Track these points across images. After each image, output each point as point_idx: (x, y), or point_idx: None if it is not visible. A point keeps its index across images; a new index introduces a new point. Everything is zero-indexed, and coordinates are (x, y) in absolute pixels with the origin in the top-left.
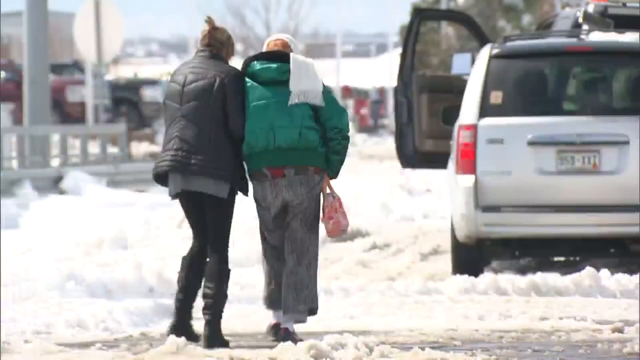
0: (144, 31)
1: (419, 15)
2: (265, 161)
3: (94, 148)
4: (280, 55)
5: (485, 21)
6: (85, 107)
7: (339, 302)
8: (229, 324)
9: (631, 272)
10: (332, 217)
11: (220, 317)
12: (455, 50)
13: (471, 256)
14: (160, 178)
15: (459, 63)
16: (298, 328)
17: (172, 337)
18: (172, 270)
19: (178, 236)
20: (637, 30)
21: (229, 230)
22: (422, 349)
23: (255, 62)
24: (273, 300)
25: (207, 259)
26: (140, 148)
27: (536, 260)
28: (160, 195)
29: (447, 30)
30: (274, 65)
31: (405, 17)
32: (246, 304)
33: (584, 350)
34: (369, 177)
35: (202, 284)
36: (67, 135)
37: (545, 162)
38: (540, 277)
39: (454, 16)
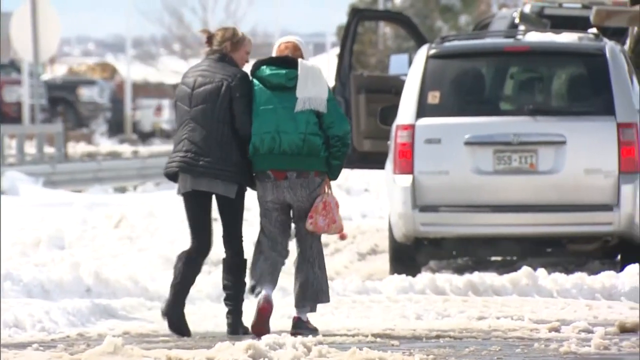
0: (80, 30)
1: (357, 15)
2: (269, 164)
3: (30, 148)
4: (289, 61)
5: (422, 21)
6: (22, 107)
7: (277, 301)
8: (165, 325)
9: (568, 271)
10: (312, 217)
11: (241, 305)
12: (393, 51)
13: (409, 256)
14: (171, 176)
15: (396, 63)
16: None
17: (109, 337)
18: (110, 270)
19: (115, 236)
20: (573, 30)
21: (241, 225)
22: (360, 348)
23: (265, 67)
24: (266, 277)
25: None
26: (77, 148)
27: (473, 260)
28: (97, 195)
29: (385, 30)
30: (282, 72)
31: (342, 17)
32: None
33: (521, 350)
34: None
35: (222, 275)
36: (4, 135)
37: (482, 162)
38: (478, 277)
39: (392, 16)
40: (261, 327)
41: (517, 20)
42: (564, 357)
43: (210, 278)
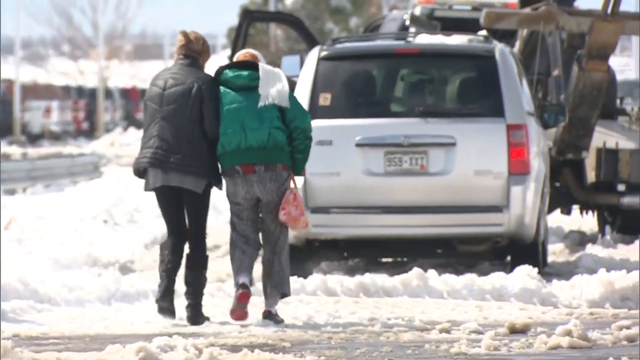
0: None
1: (248, 16)
2: (238, 159)
3: None
4: (250, 65)
5: (313, 23)
6: None
7: None
8: (55, 327)
9: (458, 272)
10: (285, 209)
11: (201, 299)
12: (285, 52)
13: (300, 257)
14: (140, 173)
15: (288, 65)
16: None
17: None
18: None
19: (4, 238)
20: (463, 32)
21: (206, 222)
22: (252, 350)
23: (228, 70)
24: (245, 267)
25: (183, 246)
26: None
27: (365, 261)
28: None
29: (276, 32)
30: (245, 73)
31: (233, 19)
32: (74, 307)
33: (412, 351)
34: None
35: (184, 271)
36: None
37: (373, 163)
38: (369, 278)
39: (284, 18)
40: (240, 312)
41: (407, 22)
42: (455, 358)
43: (100, 280)
